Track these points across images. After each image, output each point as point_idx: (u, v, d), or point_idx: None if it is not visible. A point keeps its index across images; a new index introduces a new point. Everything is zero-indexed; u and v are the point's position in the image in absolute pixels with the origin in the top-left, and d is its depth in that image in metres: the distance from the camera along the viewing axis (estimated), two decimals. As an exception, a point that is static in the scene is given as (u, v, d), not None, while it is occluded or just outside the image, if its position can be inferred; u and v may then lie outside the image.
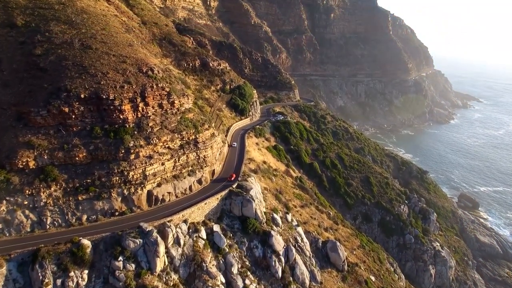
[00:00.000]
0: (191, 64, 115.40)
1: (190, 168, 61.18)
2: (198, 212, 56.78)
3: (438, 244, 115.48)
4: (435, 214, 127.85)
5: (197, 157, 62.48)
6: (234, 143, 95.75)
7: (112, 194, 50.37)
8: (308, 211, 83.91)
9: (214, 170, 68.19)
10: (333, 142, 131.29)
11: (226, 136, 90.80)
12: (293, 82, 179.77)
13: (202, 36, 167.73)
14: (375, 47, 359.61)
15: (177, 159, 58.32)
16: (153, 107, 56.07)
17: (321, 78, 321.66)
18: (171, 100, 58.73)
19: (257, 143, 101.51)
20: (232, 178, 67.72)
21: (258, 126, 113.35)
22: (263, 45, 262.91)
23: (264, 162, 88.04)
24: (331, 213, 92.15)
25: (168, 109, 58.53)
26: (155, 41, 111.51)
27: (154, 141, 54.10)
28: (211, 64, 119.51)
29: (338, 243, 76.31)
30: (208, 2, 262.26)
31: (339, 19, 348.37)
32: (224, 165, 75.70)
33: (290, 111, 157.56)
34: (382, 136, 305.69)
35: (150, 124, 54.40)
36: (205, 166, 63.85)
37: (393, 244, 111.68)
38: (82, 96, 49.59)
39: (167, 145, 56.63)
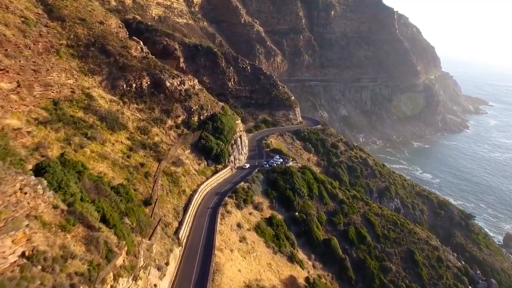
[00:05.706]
0: (134, 85, 71.95)
1: None
2: None
3: None
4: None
5: None
6: (246, 164, 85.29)
7: None
8: None
9: None
10: (357, 196, 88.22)
11: (179, 225, 47.91)
12: (293, 97, 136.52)
13: (170, 39, 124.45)
14: (380, 48, 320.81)
15: None
16: None
17: (321, 84, 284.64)
18: None
19: (239, 224, 58.64)
20: None
21: (242, 184, 70.12)
22: (255, 47, 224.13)
23: (249, 287, 45.18)
24: None
25: None
26: (71, 49, 67.91)
27: None
28: (168, 83, 76.01)
29: None
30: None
31: (340, 17, 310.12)
32: None
33: (290, 140, 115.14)
34: (392, 151, 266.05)
35: None
36: None
37: None
38: None
39: None
